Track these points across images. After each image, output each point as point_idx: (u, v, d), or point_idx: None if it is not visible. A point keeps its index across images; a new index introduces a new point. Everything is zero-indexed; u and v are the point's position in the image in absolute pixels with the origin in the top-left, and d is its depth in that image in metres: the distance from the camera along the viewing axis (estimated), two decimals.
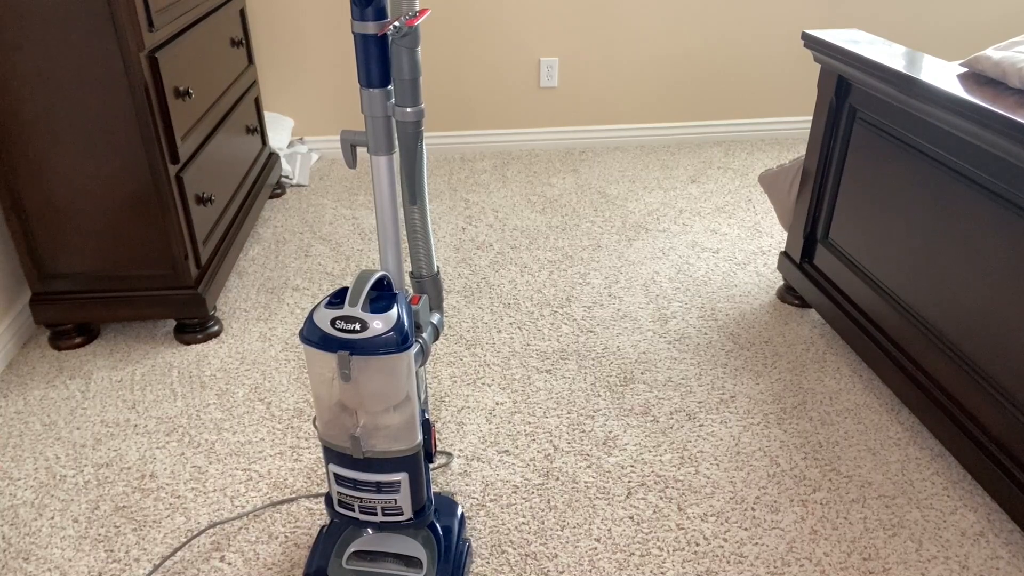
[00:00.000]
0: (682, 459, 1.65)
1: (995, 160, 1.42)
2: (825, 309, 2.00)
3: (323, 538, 1.33)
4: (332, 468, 1.21)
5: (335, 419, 1.17)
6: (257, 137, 2.63)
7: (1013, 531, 1.47)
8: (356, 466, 1.19)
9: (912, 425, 1.74)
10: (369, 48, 1.08)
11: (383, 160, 1.15)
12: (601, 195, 2.87)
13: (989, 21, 3.29)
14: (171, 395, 1.85)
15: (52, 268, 1.93)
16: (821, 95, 1.96)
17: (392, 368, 1.10)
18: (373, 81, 1.10)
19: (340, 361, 1.08)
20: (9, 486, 1.60)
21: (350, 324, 1.08)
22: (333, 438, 1.18)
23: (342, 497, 1.23)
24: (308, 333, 1.10)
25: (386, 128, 1.14)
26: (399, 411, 1.15)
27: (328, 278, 2.33)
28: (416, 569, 1.28)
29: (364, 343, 1.08)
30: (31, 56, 1.69)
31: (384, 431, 1.16)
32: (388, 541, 1.30)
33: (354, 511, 1.23)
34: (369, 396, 1.12)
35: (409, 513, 1.23)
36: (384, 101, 1.12)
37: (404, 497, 1.22)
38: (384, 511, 1.22)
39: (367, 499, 1.22)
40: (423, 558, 1.28)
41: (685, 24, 3.17)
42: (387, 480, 1.19)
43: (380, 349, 1.08)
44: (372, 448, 1.16)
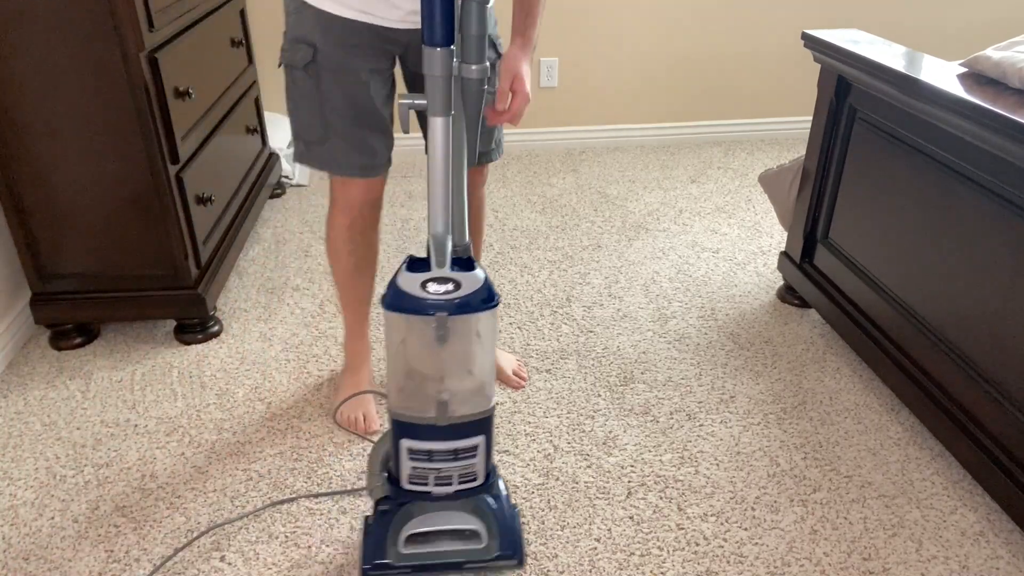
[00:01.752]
0: (682, 459, 1.65)
1: (995, 160, 1.42)
2: (825, 309, 2.00)
3: (372, 529, 1.27)
4: (405, 443, 1.18)
5: (416, 389, 1.14)
6: (257, 137, 2.63)
7: (1013, 531, 1.47)
8: (434, 436, 1.16)
9: (912, 425, 1.74)
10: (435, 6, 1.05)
11: (440, 121, 1.11)
12: (601, 195, 2.87)
13: (989, 21, 3.29)
14: (171, 395, 1.85)
15: (52, 268, 1.93)
16: (821, 95, 1.96)
17: (486, 324, 1.10)
18: (437, 39, 1.06)
19: (438, 323, 1.06)
20: (9, 486, 1.60)
21: (443, 285, 1.06)
22: (411, 409, 1.15)
23: (415, 472, 1.20)
24: (397, 300, 1.07)
25: (446, 88, 1.10)
26: (481, 370, 1.14)
27: (328, 278, 2.33)
28: (476, 541, 1.25)
29: (461, 302, 1.06)
30: (31, 56, 1.69)
31: (466, 393, 1.15)
32: (441, 519, 1.26)
33: (427, 484, 1.21)
34: (462, 356, 1.11)
35: (482, 478, 1.22)
36: (448, 59, 1.08)
37: (480, 462, 1.20)
38: (460, 479, 1.21)
39: (444, 469, 1.19)
40: (480, 529, 1.25)
41: (685, 24, 3.17)
42: (466, 445, 1.18)
43: (477, 306, 1.07)
44: (454, 412, 1.15)
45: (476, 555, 1.24)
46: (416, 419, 1.16)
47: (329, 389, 1.86)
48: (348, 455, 1.66)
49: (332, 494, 1.56)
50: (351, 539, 1.46)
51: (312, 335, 2.06)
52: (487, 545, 1.25)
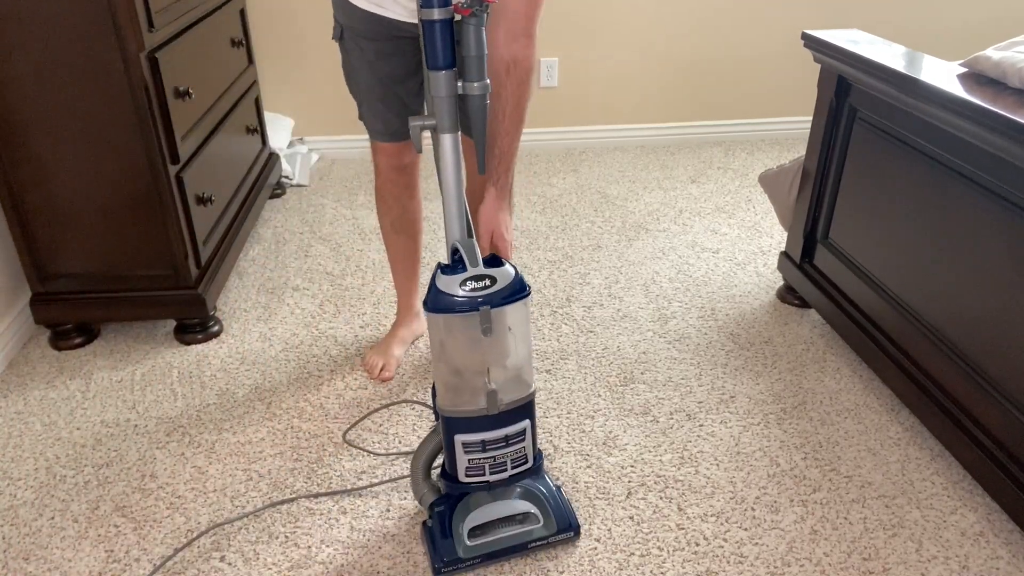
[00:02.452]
0: (682, 459, 1.65)
1: (995, 160, 1.42)
2: (825, 309, 2.00)
3: (434, 530, 1.36)
4: (459, 439, 1.27)
5: (463, 385, 1.23)
6: (257, 137, 2.63)
7: (1013, 531, 1.47)
8: (484, 427, 1.26)
9: (912, 425, 1.74)
10: (436, 32, 1.15)
11: (449, 138, 1.22)
12: (601, 195, 2.87)
13: (989, 21, 3.29)
14: (171, 395, 1.85)
15: (52, 268, 1.93)
16: (821, 95, 1.96)
17: (523, 313, 1.20)
18: (440, 63, 1.17)
19: (482, 317, 1.16)
20: (9, 486, 1.60)
21: (480, 282, 1.16)
22: (462, 405, 1.25)
23: (471, 464, 1.29)
24: (440, 303, 1.16)
25: (452, 107, 1.21)
26: (521, 356, 1.24)
27: (328, 278, 2.33)
28: (533, 521, 1.37)
29: (499, 295, 1.17)
30: (31, 56, 1.69)
31: (511, 379, 1.25)
32: (497, 508, 1.36)
33: (484, 474, 1.31)
34: (505, 345, 1.21)
35: (531, 460, 1.33)
36: (452, 81, 1.19)
37: (528, 444, 1.31)
38: (513, 463, 1.31)
39: (498, 456, 1.29)
40: (535, 510, 1.37)
41: (685, 24, 3.17)
42: (515, 431, 1.28)
43: (513, 296, 1.18)
44: (502, 401, 1.25)
45: (537, 534, 1.37)
46: (468, 413, 1.25)
47: (329, 389, 1.86)
48: (348, 455, 1.66)
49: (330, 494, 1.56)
50: (351, 539, 1.46)
51: (312, 335, 2.06)
52: (544, 523, 1.37)
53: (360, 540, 1.46)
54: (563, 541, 1.41)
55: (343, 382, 1.89)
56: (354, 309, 2.18)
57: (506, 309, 1.19)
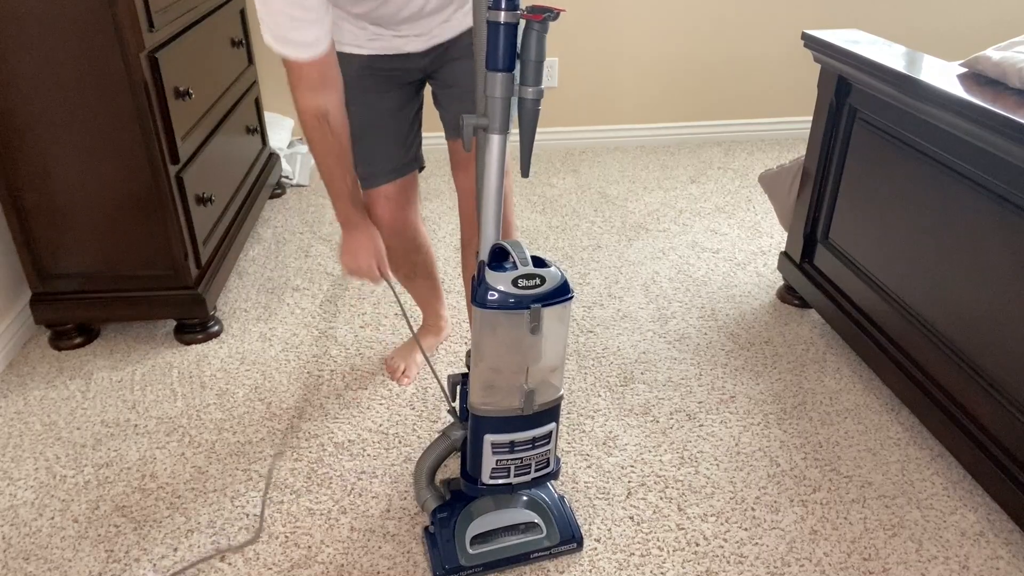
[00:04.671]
0: (682, 459, 1.65)
1: (995, 160, 1.42)
2: (825, 309, 2.00)
3: (437, 537, 1.36)
4: (489, 439, 1.26)
5: (500, 383, 1.23)
6: (257, 137, 2.63)
7: (1013, 531, 1.47)
8: (515, 427, 1.26)
9: (912, 425, 1.74)
10: (500, 35, 1.15)
11: (497, 138, 1.21)
12: (601, 195, 2.87)
13: (989, 21, 3.29)
14: (171, 395, 1.85)
15: (52, 268, 1.93)
16: (821, 95, 1.96)
17: (566, 311, 1.20)
18: (500, 65, 1.17)
19: (532, 315, 1.17)
20: (9, 486, 1.60)
21: (531, 280, 1.16)
22: (496, 404, 1.24)
23: (498, 465, 1.28)
24: (492, 299, 1.16)
25: (506, 108, 1.20)
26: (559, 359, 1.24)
27: (328, 278, 2.33)
28: (536, 531, 1.37)
29: (548, 295, 1.17)
30: (31, 56, 1.69)
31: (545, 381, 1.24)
32: (499, 517, 1.37)
33: (508, 476, 1.30)
34: (550, 345, 1.21)
35: (553, 464, 1.32)
36: (509, 83, 1.18)
37: (552, 448, 1.30)
38: (536, 466, 1.30)
39: (524, 459, 1.29)
40: (538, 520, 1.38)
41: (685, 24, 3.17)
42: (542, 433, 1.28)
43: (562, 297, 1.18)
44: (541, 398, 1.25)
45: (539, 544, 1.37)
46: (502, 412, 1.25)
47: (329, 389, 1.86)
48: (348, 455, 1.66)
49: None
50: (351, 539, 1.46)
51: (312, 335, 2.06)
52: (547, 534, 1.37)
53: (360, 540, 1.46)
54: (565, 552, 1.40)
55: (343, 382, 1.89)
56: (354, 309, 2.18)
57: (554, 309, 1.19)
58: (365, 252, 1.55)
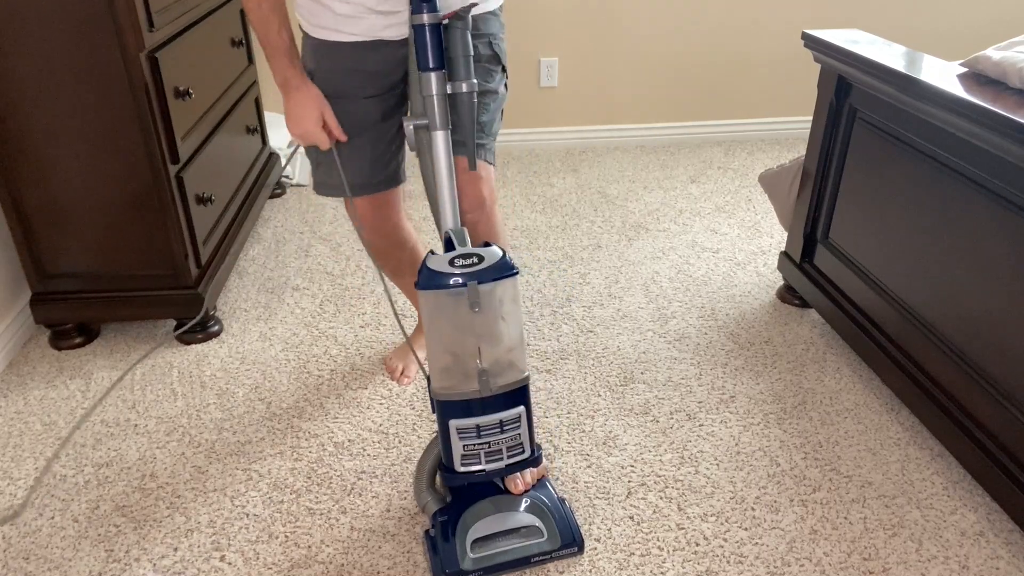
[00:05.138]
0: (682, 459, 1.65)
1: (995, 160, 1.42)
2: (825, 309, 2.00)
3: (437, 540, 1.35)
4: (453, 424, 1.27)
5: (456, 366, 1.25)
6: (257, 137, 2.63)
7: (1013, 531, 1.47)
8: (478, 411, 1.27)
9: (912, 425, 1.74)
10: (426, 36, 1.23)
11: (441, 135, 1.29)
12: (601, 195, 2.87)
13: (989, 21, 3.29)
14: (171, 395, 1.85)
15: (52, 268, 1.93)
16: (821, 95, 1.96)
17: (513, 290, 1.22)
18: (430, 64, 1.24)
19: (471, 292, 1.18)
20: (9, 486, 1.60)
21: (468, 259, 1.19)
22: (455, 387, 1.26)
23: (466, 452, 1.29)
24: (431, 280, 1.19)
25: (443, 105, 1.27)
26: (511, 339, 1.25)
27: (328, 278, 2.33)
28: (537, 535, 1.37)
29: (487, 271, 1.19)
30: (31, 56, 1.69)
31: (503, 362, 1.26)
32: (500, 520, 1.36)
33: (480, 462, 1.30)
34: (493, 323, 1.22)
35: (528, 449, 1.32)
36: (442, 81, 1.25)
37: (524, 431, 1.31)
38: (509, 452, 1.31)
39: (493, 443, 1.29)
40: (540, 524, 1.37)
41: (685, 24, 3.17)
42: (509, 416, 1.28)
43: (501, 273, 1.20)
44: (496, 384, 1.26)
45: (540, 549, 1.36)
46: (461, 395, 1.26)
47: (329, 388, 1.86)
48: (348, 455, 1.66)
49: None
50: (351, 539, 1.46)
51: (312, 335, 2.06)
52: (548, 537, 1.37)
53: (360, 540, 1.46)
54: (566, 556, 1.39)
55: (343, 382, 1.89)
56: (354, 309, 2.18)
57: (494, 287, 1.21)
58: (310, 114, 1.46)
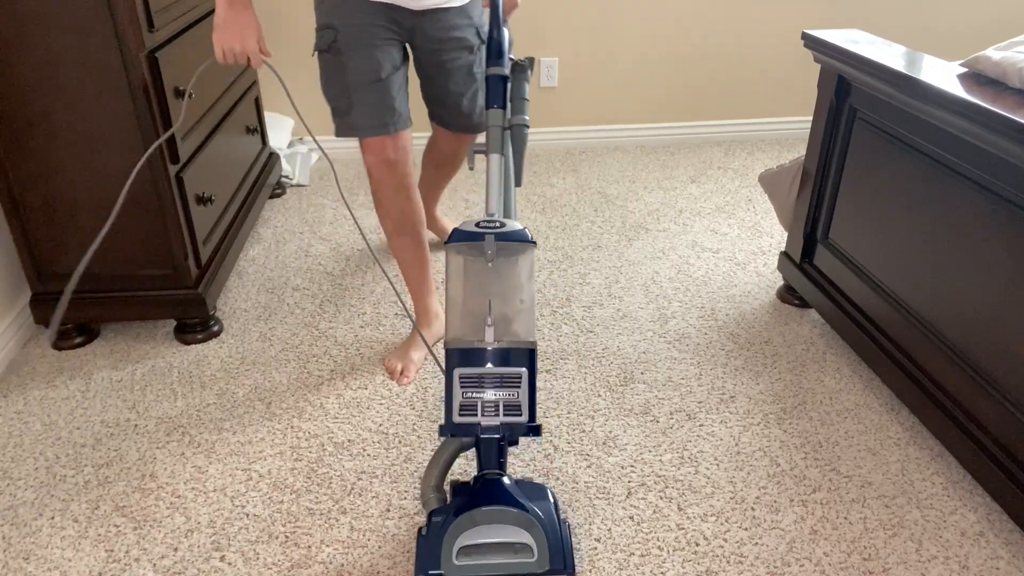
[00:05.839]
0: (682, 459, 1.65)
1: (995, 160, 1.42)
2: (825, 309, 2.00)
3: (426, 540, 1.32)
4: (457, 372, 1.33)
5: (467, 317, 1.35)
6: (257, 137, 2.63)
7: (1013, 531, 1.47)
8: (482, 361, 1.34)
9: (912, 425, 1.74)
10: (499, 84, 1.52)
11: (496, 157, 1.50)
12: (601, 195, 2.87)
13: (989, 21, 3.29)
14: (171, 395, 1.85)
15: (52, 268, 1.93)
16: (821, 95, 1.96)
17: (528, 261, 1.35)
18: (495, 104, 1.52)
19: (488, 244, 1.32)
20: (9, 486, 1.60)
21: (492, 222, 1.35)
22: (466, 336, 1.34)
23: (465, 401, 1.33)
24: (458, 236, 1.34)
25: (499, 135, 1.51)
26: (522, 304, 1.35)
27: (328, 278, 2.33)
28: (527, 554, 1.30)
29: (505, 233, 1.34)
30: (31, 56, 1.69)
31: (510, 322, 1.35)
32: (492, 531, 1.31)
33: (476, 414, 1.33)
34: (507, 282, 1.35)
35: (526, 416, 1.34)
36: (502, 116, 1.51)
37: (523, 394, 1.34)
38: (506, 409, 1.33)
39: (490, 395, 1.33)
40: (531, 543, 1.30)
41: (685, 24, 3.17)
42: (511, 373, 1.34)
43: (517, 237, 1.34)
44: (501, 338, 1.33)
45: (527, 568, 1.28)
46: (468, 344, 1.34)
47: (329, 388, 1.86)
48: (348, 455, 1.66)
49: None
50: (351, 539, 1.46)
51: (312, 335, 2.06)
52: (538, 559, 1.29)
53: (360, 540, 1.46)
54: None
55: (343, 382, 1.89)
56: (354, 309, 2.18)
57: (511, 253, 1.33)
58: (252, 33, 1.61)
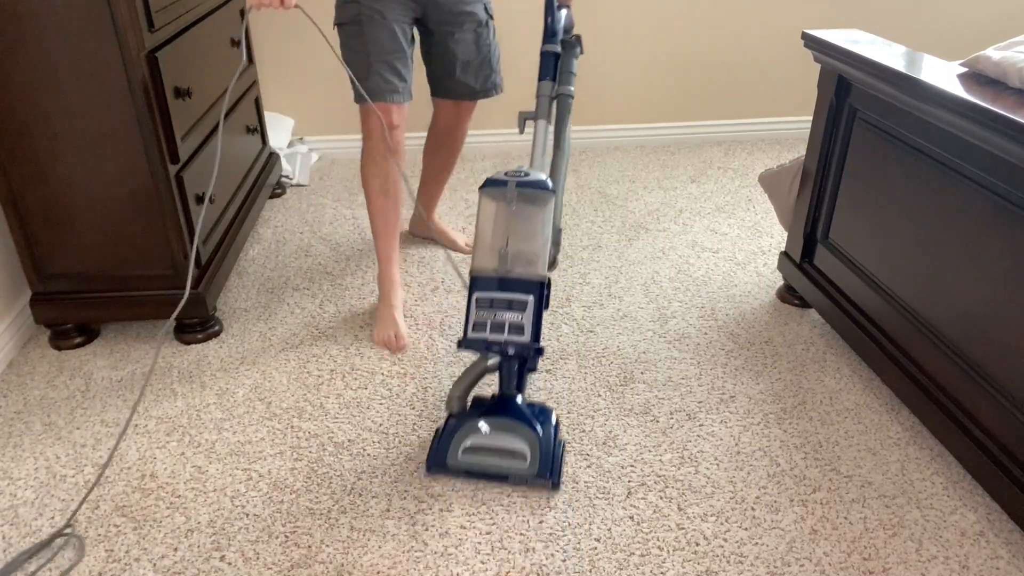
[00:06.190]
0: (682, 459, 1.65)
1: (995, 160, 1.42)
2: (825, 309, 2.00)
3: (441, 437, 1.59)
4: (476, 295, 1.57)
5: (489, 253, 1.58)
6: (257, 137, 2.63)
7: (1013, 531, 1.47)
8: (496, 287, 1.57)
9: (912, 425, 1.74)
10: (550, 59, 1.82)
11: (542, 123, 1.77)
12: (601, 195, 2.87)
13: (989, 21, 3.29)
14: (171, 395, 1.85)
15: (52, 268, 1.93)
16: (821, 95, 1.96)
17: (544, 209, 1.57)
18: (547, 76, 1.81)
19: (510, 188, 1.56)
20: (9, 486, 1.60)
21: (517, 172, 1.60)
22: (484, 266, 1.58)
23: (477, 320, 1.57)
24: (489, 183, 1.59)
25: (547, 104, 1.78)
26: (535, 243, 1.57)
27: (328, 278, 2.33)
28: (520, 460, 1.55)
29: (527, 181, 1.58)
30: (31, 56, 1.69)
31: (524, 257, 1.57)
32: (495, 438, 1.56)
33: (485, 331, 1.56)
34: (522, 221, 1.57)
35: (528, 338, 1.55)
36: (550, 87, 1.80)
37: (527, 319, 1.56)
38: (511, 329, 1.55)
39: (499, 317, 1.55)
40: (526, 452, 1.55)
41: (685, 24, 3.18)
42: (519, 299, 1.56)
43: (537, 185, 1.58)
44: (513, 268, 1.56)
45: (519, 471, 1.56)
46: (486, 272, 1.57)
47: (329, 388, 1.86)
48: (348, 455, 1.66)
49: None
50: (351, 539, 1.46)
51: (312, 335, 2.06)
52: (529, 464, 1.55)
53: (360, 540, 1.46)
54: (539, 486, 1.56)
55: (343, 382, 1.89)
56: (354, 309, 2.18)
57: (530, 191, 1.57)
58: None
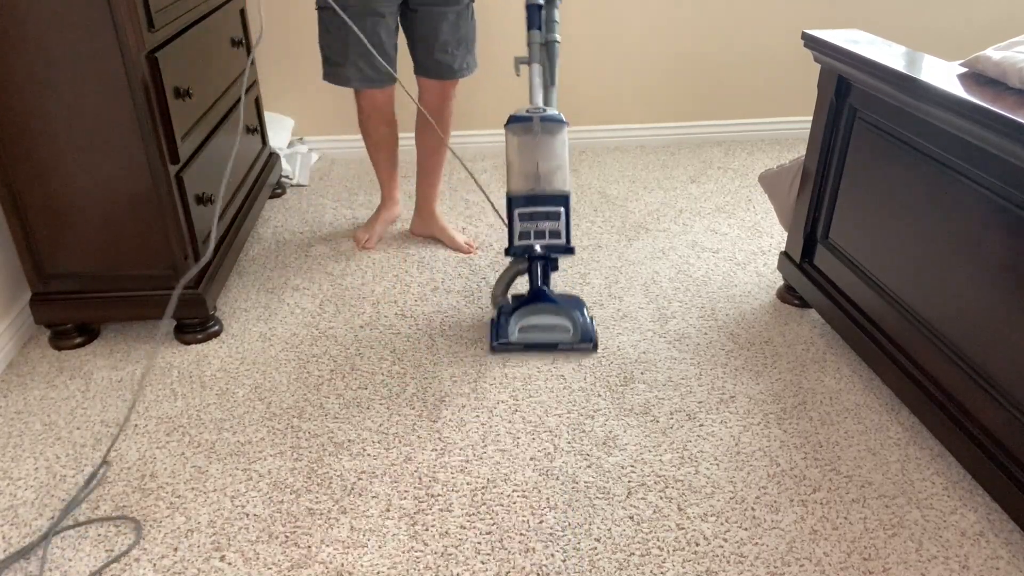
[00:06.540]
0: (682, 459, 1.65)
1: (995, 160, 1.42)
2: (825, 309, 2.00)
3: (497, 323, 2.00)
4: (517, 211, 1.94)
5: (523, 177, 1.93)
6: (257, 137, 2.63)
7: (1013, 531, 1.47)
8: (533, 202, 1.94)
9: (912, 425, 1.74)
10: (535, 11, 2.07)
11: (536, 66, 2.07)
12: (601, 195, 2.87)
13: (989, 21, 3.29)
14: (171, 395, 1.85)
15: (52, 268, 1.93)
16: (821, 95, 1.96)
17: (560, 132, 1.93)
18: (535, 25, 2.08)
19: (534, 122, 1.91)
20: (9, 486, 1.60)
21: (538, 109, 1.94)
22: (521, 188, 1.94)
23: (523, 230, 1.95)
24: (514, 120, 1.93)
25: (538, 49, 2.07)
26: (559, 163, 1.94)
27: (328, 278, 2.33)
28: (565, 332, 1.98)
29: (547, 116, 1.93)
30: (30, 56, 1.69)
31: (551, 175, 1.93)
32: (543, 318, 1.99)
33: (530, 238, 1.95)
34: (548, 149, 1.92)
35: (563, 240, 1.96)
36: (539, 35, 2.07)
37: (561, 225, 1.95)
38: (550, 234, 1.95)
39: (539, 227, 1.94)
40: (568, 326, 1.99)
41: (685, 24, 3.18)
42: (553, 209, 1.94)
43: (555, 119, 1.93)
44: (547, 186, 1.93)
45: (565, 339, 1.97)
46: (523, 192, 1.94)
47: (329, 388, 1.86)
48: (348, 455, 1.66)
49: None
50: (351, 539, 1.46)
51: (312, 335, 2.06)
52: (572, 335, 1.97)
53: (360, 540, 1.46)
54: (583, 349, 1.97)
55: (343, 382, 1.89)
56: (354, 309, 2.18)
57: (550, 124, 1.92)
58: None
